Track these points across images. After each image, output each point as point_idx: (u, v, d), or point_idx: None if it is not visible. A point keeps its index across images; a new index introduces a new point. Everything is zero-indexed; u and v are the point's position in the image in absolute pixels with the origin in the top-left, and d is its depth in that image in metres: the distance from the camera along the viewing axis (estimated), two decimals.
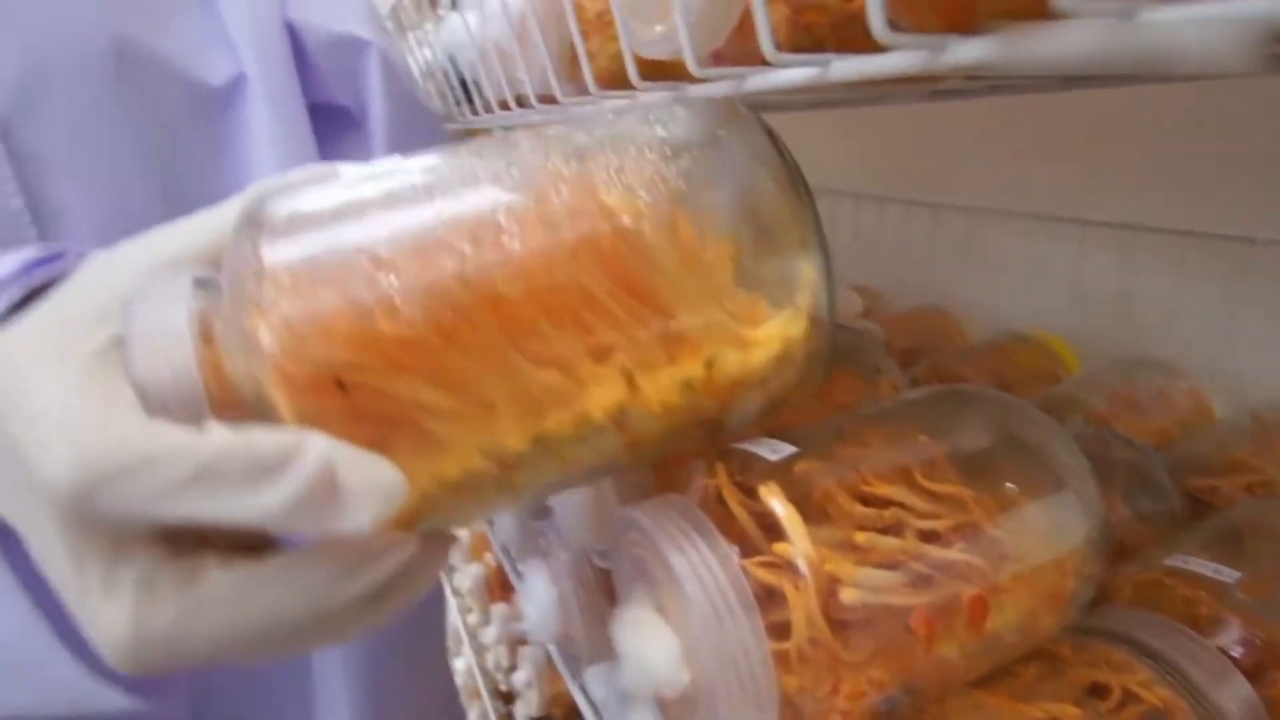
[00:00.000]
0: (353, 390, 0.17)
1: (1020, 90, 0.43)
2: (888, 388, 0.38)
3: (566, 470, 0.20)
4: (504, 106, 0.50)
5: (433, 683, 0.58)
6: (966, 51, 0.18)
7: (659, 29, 0.29)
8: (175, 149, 0.38)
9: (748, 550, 0.26)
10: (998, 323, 0.68)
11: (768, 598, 0.25)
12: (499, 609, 1.08)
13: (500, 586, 1.13)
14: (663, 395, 0.19)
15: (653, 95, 0.35)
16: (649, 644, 0.26)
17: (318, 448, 0.16)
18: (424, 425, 0.17)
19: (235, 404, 0.17)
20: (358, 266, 0.17)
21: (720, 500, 0.28)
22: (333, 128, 0.43)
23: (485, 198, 0.18)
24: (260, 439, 0.16)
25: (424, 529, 0.19)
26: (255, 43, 0.40)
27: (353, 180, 0.19)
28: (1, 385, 0.17)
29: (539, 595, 0.44)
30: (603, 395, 0.18)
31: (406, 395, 0.17)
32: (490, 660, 1.16)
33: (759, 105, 0.40)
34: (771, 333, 0.19)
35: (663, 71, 0.33)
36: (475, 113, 0.57)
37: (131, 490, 0.16)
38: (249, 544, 0.18)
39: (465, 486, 0.18)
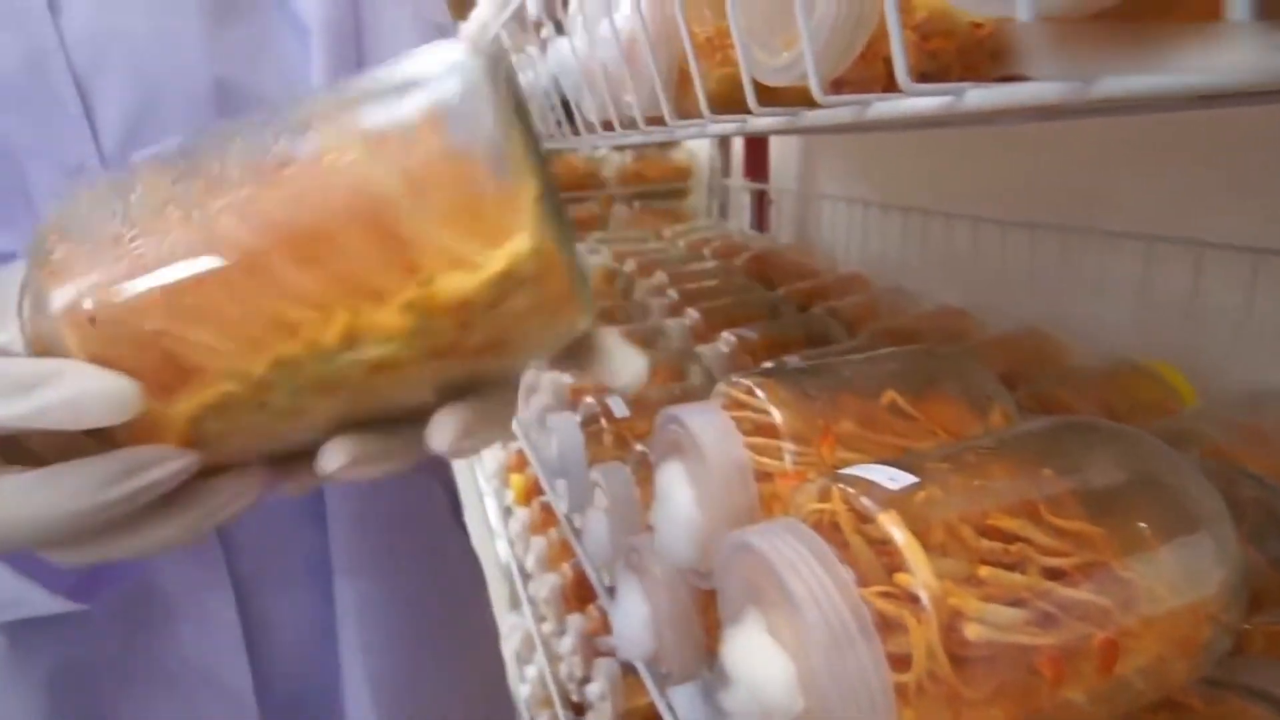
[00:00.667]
0: (100, 325, 0.20)
1: (1151, 110, 0.42)
2: (1000, 417, 0.37)
3: (336, 395, 0.22)
4: (608, 127, 0.51)
5: (475, 694, 0.56)
6: (1128, 83, 0.18)
7: (784, 55, 0.29)
8: None
9: (865, 579, 0.25)
10: (1102, 348, 0.65)
11: (886, 628, 0.24)
12: (575, 620, 1.09)
13: (576, 597, 1.14)
14: (389, 318, 0.20)
15: (765, 120, 0.35)
16: (762, 668, 0.26)
17: (59, 367, 0.20)
18: (173, 354, 0.20)
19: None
20: (109, 232, 0.21)
21: (835, 527, 0.27)
22: None
23: (227, 160, 0.21)
24: (13, 362, 0.20)
25: (213, 453, 0.22)
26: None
27: (128, 168, 0.23)
28: None
29: (632, 611, 0.45)
30: (328, 321, 0.20)
31: (152, 329, 0.20)
32: (563, 670, 1.17)
33: (841, 127, 0.39)
34: (496, 251, 0.20)
35: (778, 96, 0.33)
36: (576, 133, 0.58)
37: None
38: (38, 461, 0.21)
39: (229, 409, 0.21)
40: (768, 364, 0.67)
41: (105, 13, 0.37)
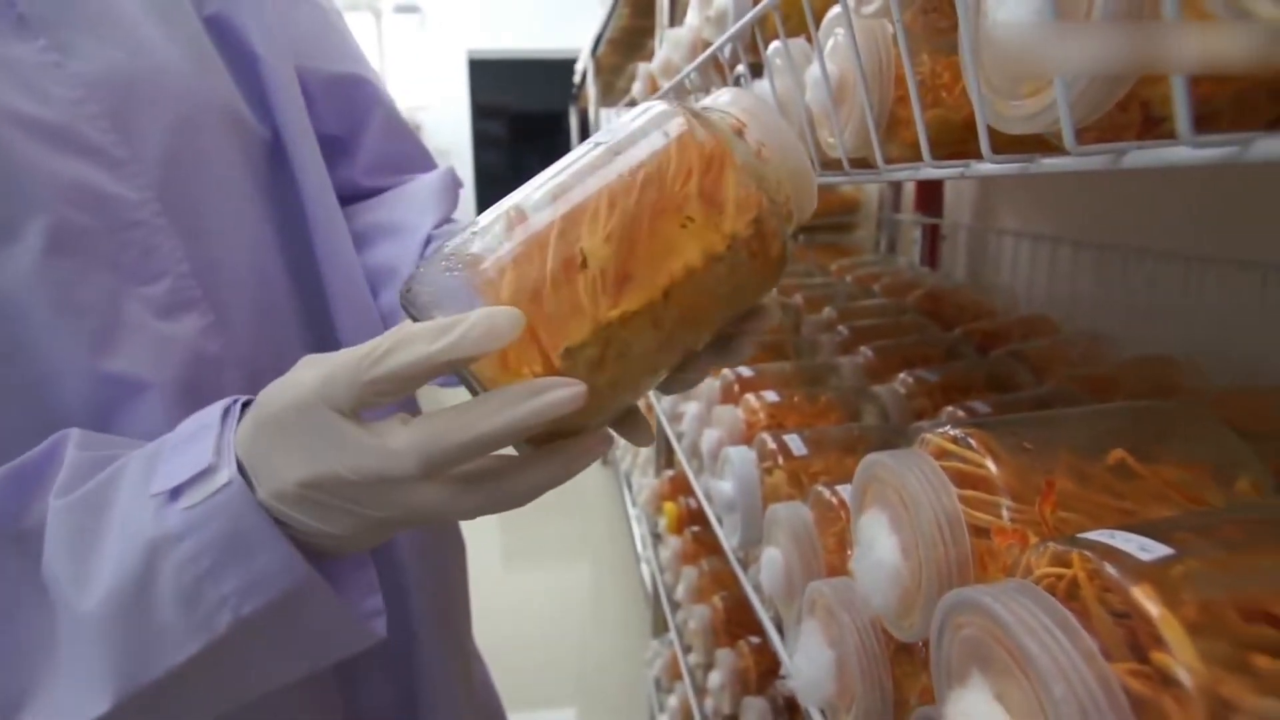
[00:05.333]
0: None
1: None
2: (1249, 486, 0.34)
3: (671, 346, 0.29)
4: None
5: None
6: None
7: (1028, 103, 0.28)
8: (259, 199, 0.42)
9: (1109, 654, 0.24)
10: None
11: (1139, 710, 0.23)
12: (725, 655, 1.08)
13: (727, 632, 1.13)
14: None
15: (988, 166, 0.34)
16: None
17: (465, 316, 0.25)
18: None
19: None
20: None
21: (1072, 595, 0.26)
22: (326, 155, 0.46)
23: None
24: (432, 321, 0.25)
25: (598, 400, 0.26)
26: (288, 96, 0.43)
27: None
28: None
29: (816, 656, 0.44)
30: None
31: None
32: (709, 704, 1.16)
33: (1078, 174, 0.37)
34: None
35: (1014, 143, 0.32)
36: None
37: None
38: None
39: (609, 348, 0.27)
40: (952, 409, 0.64)
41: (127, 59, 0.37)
